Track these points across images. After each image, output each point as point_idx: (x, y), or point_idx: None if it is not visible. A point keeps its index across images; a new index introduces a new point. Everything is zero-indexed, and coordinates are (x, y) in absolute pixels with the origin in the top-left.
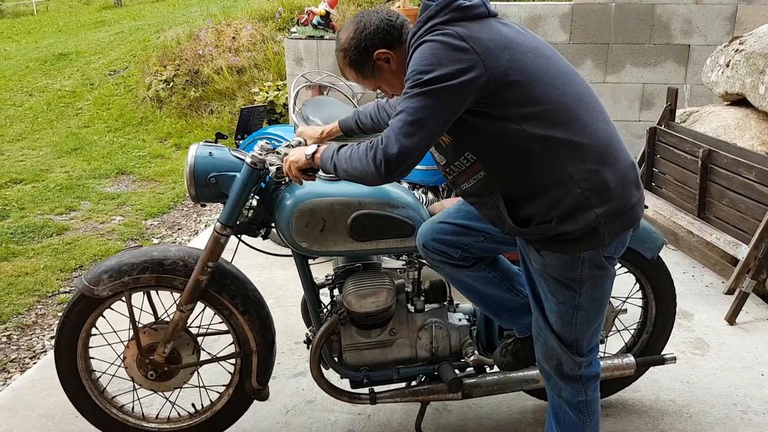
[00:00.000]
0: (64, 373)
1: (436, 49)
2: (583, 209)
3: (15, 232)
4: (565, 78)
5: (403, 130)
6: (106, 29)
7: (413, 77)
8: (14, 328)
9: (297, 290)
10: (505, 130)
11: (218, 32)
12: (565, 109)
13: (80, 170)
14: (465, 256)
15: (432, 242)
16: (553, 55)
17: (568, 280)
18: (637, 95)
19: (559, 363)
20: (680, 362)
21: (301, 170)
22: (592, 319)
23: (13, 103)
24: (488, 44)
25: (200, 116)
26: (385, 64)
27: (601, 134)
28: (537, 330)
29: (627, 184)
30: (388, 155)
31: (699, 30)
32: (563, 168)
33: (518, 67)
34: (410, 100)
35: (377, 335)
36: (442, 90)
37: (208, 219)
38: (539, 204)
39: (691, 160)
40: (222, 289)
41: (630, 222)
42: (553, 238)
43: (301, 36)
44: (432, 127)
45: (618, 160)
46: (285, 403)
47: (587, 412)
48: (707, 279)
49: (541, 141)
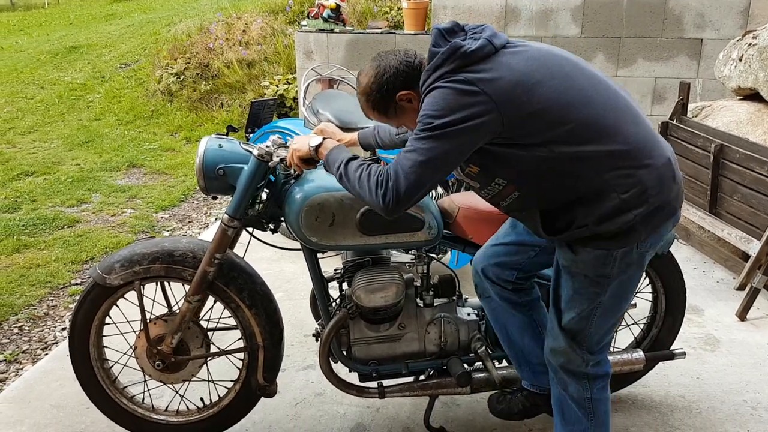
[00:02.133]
0: (78, 361)
1: (446, 95)
2: (621, 211)
3: (27, 224)
4: (586, 92)
5: (412, 170)
6: (117, 22)
7: (424, 121)
8: (26, 319)
9: (306, 284)
10: (531, 154)
11: (228, 25)
12: (591, 122)
13: (91, 163)
14: (521, 277)
15: (491, 267)
16: (571, 69)
17: (598, 276)
18: (649, 89)
19: (566, 359)
20: (690, 358)
21: (302, 159)
22: (609, 319)
23: (24, 96)
24: (499, 84)
25: (210, 110)
26: (407, 104)
27: (632, 137)
28: (550, 324)
29: (664, 181)
30: (397, 195)
31: (712, 24)
32: (599, 177)
33: (534, 99)
34: (421, 141)
35: (386, 329)
36: (452, 133)
37: (218, 212)
38: (578, 212)
39: (703, 154)
40: (229, 282)
41: (667, 216)
42: (588, 236)
43: (311, 29)
44: (441, 167)
45: (653, 158)
46: (294, 396)
47: (592, 411)
48: (718, 274)
49: (572, 158)
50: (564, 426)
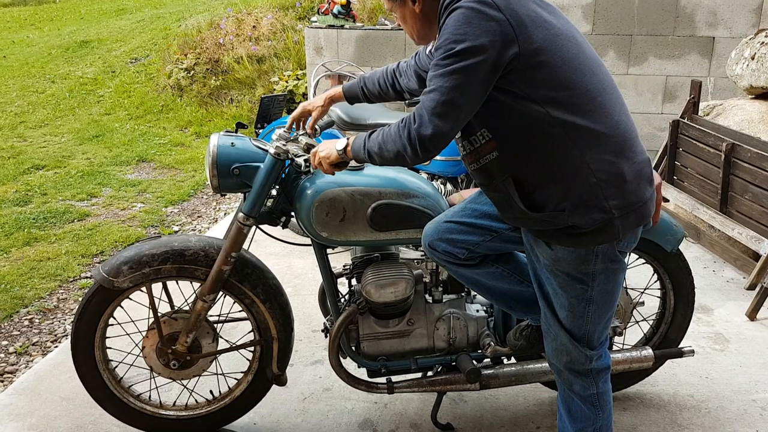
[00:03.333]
0: (81, 364)
1: (470, 17)
2: (596, 199)
3: (37, 217)
4: (592, 66)
5: (436, 110)
6: (128, 17)
7: (446, 46)
8: (36, 312)
9: (314, 279)
10: (527, 110)
11: (239, 21)
12: (591, 97)
13: (101, 157)
14: (470, 256)
15: (438, 242)
16: (583, 41)
17: (581, 274)
18: (660, 88)
19: (569, 359)
20: (699, 357)
21: (332, 164)
22: (603, 313)
23: (35, 90)
24: (523, 18)
25: (220, 105)
26: (409, 1)
27: (621, 126)
28: (546, 326)
29: (642, 180)
30: (422, 136)
31: (724, 22)
32: (581, 156)
33: (549, 48)
34: (442, 78)
35: (395, 325)
36: (474, 66)
37: (227, 207)
38: (551, 191)
39: (714, 153)
40: (243, 279)
41: (643, 218)
42: (564, 231)
43: (321, 25)
44: (465, 106)
45: (635, 153)
46: (302, 391)
47: (599, 404)
48: (728, 274)
49: (562, 126)
50: (573, 423)
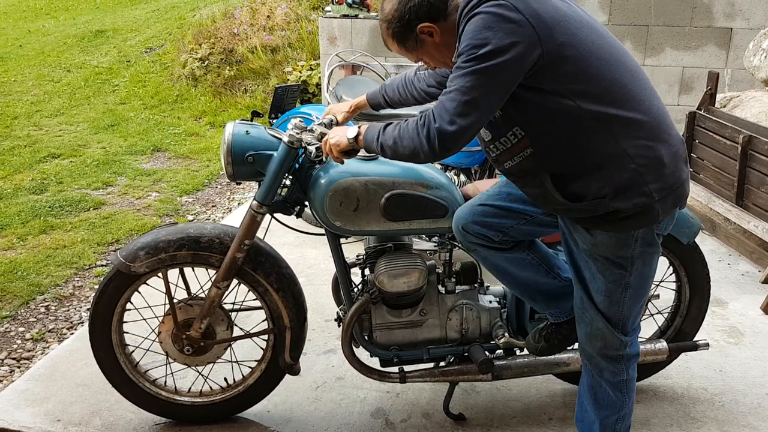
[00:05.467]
0: (99, 348)
1: (490, 21)
2: (637, 185)
3: (53, 205)
4: (617, 54)
5: (458, 110)
6: (143, 7)
7: (467, 51)
8: (52, 299)
9: (327, 269)
10: (557, 105)
11: (253, 11)
12: (620, 85)
13: (117, 146)
14: (505, 240)
15: (472, 225)
16: (605, 31)
17: (621, 258)
18: (677, 79)
19: (603, 344)
20: (714, 350)
21: (342, 152)
22: (639, 297)
23: (51, 79)
24: (544, 17)
25: (234, 95)
26: (428, 38)
27: (654, 110)
28: (581, 311)
29: (679, 160)
30: (443, 134)
31: (742, 13)
32: (617, 143)
33: (573, 42)
34: (464, 78)
35: (408, 315)
36: (496, 67)
37: (241, 197)
38: (591, 181)
39: (731, 146)
40: (257, 267)
41: (680, 198)
42: (604, 217)
43: (335, 15)
44: (486, 105)
45: (671, 136)
46: (315, 379)
47: (626, 390)
48: (743, 267)
49: (595, 117)
50: (599, 411)
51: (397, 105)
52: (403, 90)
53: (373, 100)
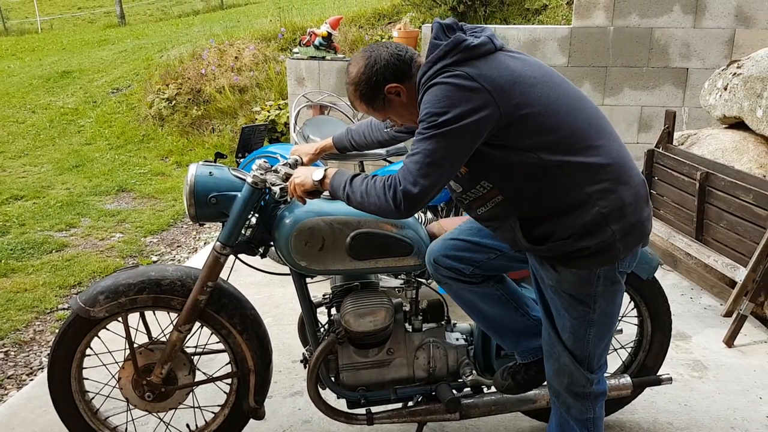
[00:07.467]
0: (58, 396)
1: (447, 90)
2: (601, 226)
3: (15, 248)
4: (574, 104)
5: (421, 171)
6: (110, 47)
7: (428, 119)
8: (12, 344)
9: (295, 309)
10: (521, 158)
11: (221, 52)
12: (579, 135)
13: (81, 187)
14: (476, 273)
15: (444, 258)
16: (561, 82)
17: (584, 295)
18: (635, 118)
19: (570, 380)
20: (678, 384)
21: (306, 192)
22: (603, 335)
23: (15, 120)
24: (498, 81)
25: (201, 134)
26: (395, 98)
27: (614, 154)
28: (549, 346)
29: (640, 200)
30: (408, 195)
31: (697, 54)
32: (581, 189)
33: (529, 100)
34: (426, 141)
35: (375, 355)
36: (456, 131)
37: (207, 236)
38: (558, 223)
39: (689, 182)
40: (220, 309)
41: (642, 236)
42: (568, 254)
43: (302, 56)
44: (449, 166)
45: (631, 177)
46: (281, 423)
47: (594, 429)
48: (705, 301)
49: (558, 166)
50: None
51: (362, 148)
52: (369, 134)
53: (339, 143)
